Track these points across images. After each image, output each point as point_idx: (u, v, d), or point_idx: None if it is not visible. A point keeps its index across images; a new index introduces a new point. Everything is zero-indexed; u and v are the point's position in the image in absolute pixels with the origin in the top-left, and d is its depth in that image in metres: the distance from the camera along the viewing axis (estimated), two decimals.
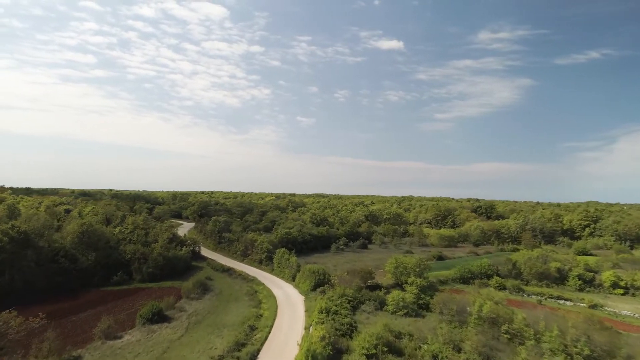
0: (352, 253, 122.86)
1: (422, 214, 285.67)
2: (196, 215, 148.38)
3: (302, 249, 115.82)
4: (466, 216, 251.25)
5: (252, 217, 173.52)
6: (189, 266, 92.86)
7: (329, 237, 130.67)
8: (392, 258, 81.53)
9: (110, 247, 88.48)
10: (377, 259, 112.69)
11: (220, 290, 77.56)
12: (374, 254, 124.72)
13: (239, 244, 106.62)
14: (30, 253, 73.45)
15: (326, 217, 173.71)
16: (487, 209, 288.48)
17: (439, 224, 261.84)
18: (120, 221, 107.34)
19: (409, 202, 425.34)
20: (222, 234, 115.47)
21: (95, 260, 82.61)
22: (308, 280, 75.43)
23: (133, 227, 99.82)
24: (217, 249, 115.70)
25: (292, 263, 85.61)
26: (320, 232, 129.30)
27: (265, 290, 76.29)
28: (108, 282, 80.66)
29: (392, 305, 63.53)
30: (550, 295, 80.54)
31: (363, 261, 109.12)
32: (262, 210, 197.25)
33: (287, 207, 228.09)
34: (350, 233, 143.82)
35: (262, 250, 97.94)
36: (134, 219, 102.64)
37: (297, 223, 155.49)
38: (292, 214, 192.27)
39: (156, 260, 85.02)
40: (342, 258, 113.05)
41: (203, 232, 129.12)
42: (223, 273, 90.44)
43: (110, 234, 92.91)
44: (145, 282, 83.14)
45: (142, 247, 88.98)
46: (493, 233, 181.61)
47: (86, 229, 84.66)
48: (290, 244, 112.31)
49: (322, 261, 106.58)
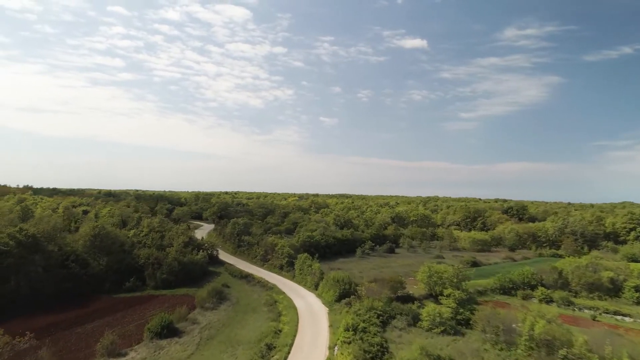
0: (378, 258, 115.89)
1: (450, 216, 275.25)
2: (215, 216, 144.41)
3: (325, 254, 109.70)
4: (497, 218, 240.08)
5: (274, 219, 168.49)
6: (206, 272, 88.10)
7: (354, 241, 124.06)
8: (424, 266, 74.31)
9: (124, 251, 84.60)
10: (406, 265, 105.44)
11: (237, 300, 72.23)
12: (402, 259, 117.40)
13: (259, 247, 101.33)
14: (38, 258, 69.94)
15: (350, 219, 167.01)
16: (519, 211, 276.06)
17: (468, 226, 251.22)
18: (136, 223, 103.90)
19: (435, 203, 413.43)
20: (242, 237, 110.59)
21: (107, 265, 78.81)
22: (332, 290, 69.14)
23: (148, 229, 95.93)
24: (236, 252, 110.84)
25: (314, 270, 79.52)
26: (345, 235, 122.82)
27: (285, 300, 70.44)
28: (120, 288, 76.68)
29: (427, 321, 56.49)
30: (605, 310, 71.57)
31: (391, 267, 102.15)
32: (284, 212, 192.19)
33: (310, 208, 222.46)
34: (376, 236, 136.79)
35: (283, 255, 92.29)
36: (149, 221, 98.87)
37: (320, 225, 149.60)
38: (315, 216, 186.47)
39: (171, 266, 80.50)
40: (368, 263, 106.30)
41: (222, 234, 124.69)
42: (241, 280, 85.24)
43: (124, 237, 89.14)
44: (158, 288, 78.76)
45: (156, 251, 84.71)
46: (529, 237, 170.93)
47: (98, 232, 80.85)
48: (312, 248, 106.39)
49: (347, 267, 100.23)
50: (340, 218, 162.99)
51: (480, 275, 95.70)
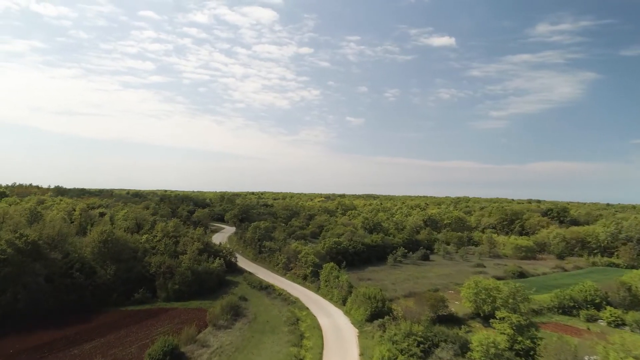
0: (412, 266, 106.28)
1: (485, 218, 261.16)
2: (236, 219, 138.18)
3: (353, 261, 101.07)
4: (537, 221, 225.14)
5: (298, 222, 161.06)
6: (222, 282, 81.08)
7: (384, 247, 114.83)
8: (470, 281, 64.61)
9: (135, 259, 78.59)
10: (443, 276, 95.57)
11: (255, 316, 64.59)
12: (439, 267, 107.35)
13: (281, 254, 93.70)
14: (39, 267, 64.38)
15: (380, 222, 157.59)
16: (559, 213, 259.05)
17: (505, 229, 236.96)
18: (150, 227, 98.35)
19: (466, 204, 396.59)
20: (263, 242, 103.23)
21: (115, 275, 72.75)
22: (362, 307, 60.49)
23: (162, 234, 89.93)
24: (256, 259, 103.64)
25: (342, 282, 71.03)
26: (375, 240, 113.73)
27: (309, 318, 62.35)
28: (128, 300, 70.50)
29: (478, 352, 46.97)
30: None
31: (427, 278, 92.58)
32: (310, 214, 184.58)
33: (337, 210, 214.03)
34: (408, 241, 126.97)
35: (307, 264, 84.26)
36: (163, 225, 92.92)
37: (347, 229, 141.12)
38: (342, 218, 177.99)
39: (183, 275, 73.80)
40: (402, 273, 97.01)
41: (242, 239, 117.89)
42: (261, 291, 77.67)
43: (136, 242, 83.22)
44: (170, 300, 72.19)
45: (169, 259, 78.27)
46: (577, 243, 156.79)
47: (106, 238, 74.98)
48: (340, 255, 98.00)
49: (378, 277, 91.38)
50: (368, 221, 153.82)
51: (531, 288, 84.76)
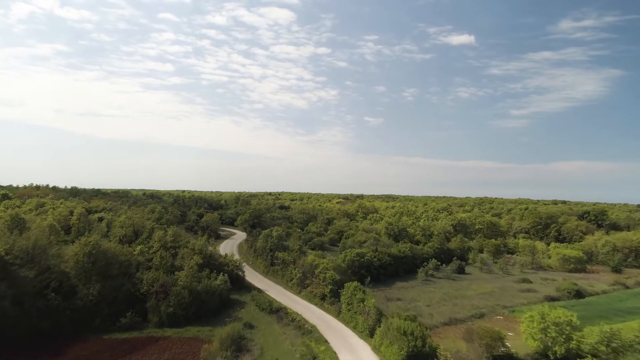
0: (446, 281, 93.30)
1: (517, 222, 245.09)
2: (247, 225, 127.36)
3: (378, 276, 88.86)
4: (575, 225, 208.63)
5: (316, 227, 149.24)
6: (226, 302, 69.84)
7: (414, 258, 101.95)
8: (533, 312, 51.48)
9: (125, 275, 68.01)
10: (486, 295, 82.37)
11: (261, 351, 53.02)
12: (477, 282, 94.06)
13: (296, 268, 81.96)
14: (4, 287, 54.14)
15: (405, 228, 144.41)
16: (597, 216, 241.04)
17: (539, 234, 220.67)
18: (147, 236, 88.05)
19: (490, 205, 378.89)
20: (275, 253, 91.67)
21: (100, 295, 62.21)
22: (396, 345, 48.06)
23: (159, 245, 79.31)
24: (268, 272, 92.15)
25: (368, 308, 58.77)
26: (402, 250, 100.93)
27: (328, 356, 50.40)
28: (114, 325, 59.84)
29: None
30: None
31: (467, 297, 79.59)
32: (328, 217, 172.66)
33: (357, 213, 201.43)
34: (439, 251, 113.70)
35: (326, 281, 72.25)
36: (161, 233, 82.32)
37: (369, 236, 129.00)
38: (363, 223, 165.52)
39: (179, 296, 62.88)
40: (436, 290, 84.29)
41: (253, 247, 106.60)
42: (271, 315, 66.09)
43: (128, 255, 72.67)
44: (163, 326, 61.33)
45: (164, 275, 67.47)
46: (630, 252, 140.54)
47: (90, 251, 64.54)
48: (363, 269, 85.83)
49: (409, 296, 78.89)
50: (393, 227, 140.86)
51: (597, 312, 70.97)
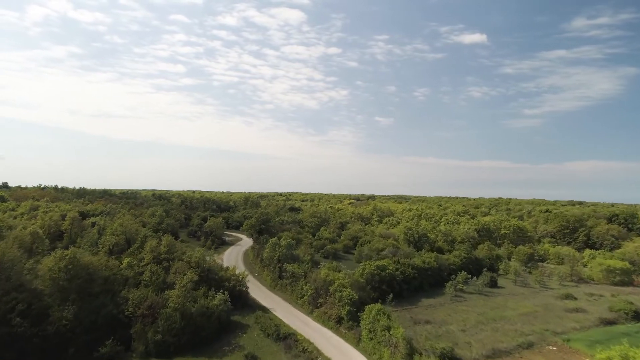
0: (478, 297, 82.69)
1: (542, 225, 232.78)
2: (254, 231, 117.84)
3: (401, 291, 78.62)
4: (605, 229, 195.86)
5: (328, 232, 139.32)
6: (225, 326, 60.25)
7: (439, 270, 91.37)
8: (610, 352, 40.75)
9: (108, 294, 58.90)
10: (528, 316, 71.58)
11: None
12: (514, 299, 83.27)
13: (307, 283, 72.14)
14: None
15: (425, 234, 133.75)
16: (627, 219, 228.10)
17: (567, 239, 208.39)
18: (139, 245, 79.02)
19: (506, 206, 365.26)
20: (284, 265, 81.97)
21: (76, 318, 53.13)
22: None
23: (152, 256, 70.18)
24: (275, 286, 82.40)
25: (396, 339, 48.64)
26: (427, 261, 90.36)
27: None
28: (91, 355, 50.68)
29: None
30: None
31: (507, 319, 68.98)
32: (341, 222, 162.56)
33: (372, 217, 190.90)
34: (467, 261, 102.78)
35: (343, 301, 62.28)
36: (154, 243, 73.03)
37: (387, 242, 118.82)
38: (379, 227, 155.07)
39: (170, 320, 53.52)
40: (468, 309, 73.78)
41: (260, 257, 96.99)
42: (278, 343, 56.34)
43: (114, 269, 63.50)
44: (149, 356, 52.32)
45: (153, 294, 58.21)
46: None
47: (66, 266, 55.52)
48: (385, 284, 75.67)
49: (438, 317, 68.54)
50: (412, 232, 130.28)
51: None
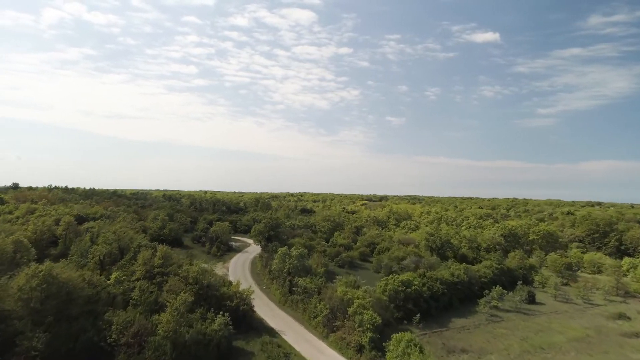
0: (516, 316, 73.10)
1: (568, 229, 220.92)
2: (262, 238, 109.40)
3: (429, 309, 69.33)
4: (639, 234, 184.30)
5: (343, 237, 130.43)
6: (226, 354, 51.65)
7: (470, 283, 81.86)
8: None
9: (90, 315, 50.93)
10: (580, 342, 61.90)
11: None
12: (558, 318, 73.48)
13: (321, 301, 63.38)
14: None
15: (448, 239, 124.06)
16: None
17: (596, 243, 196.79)
18: (132, 256, 71.05)
19: (524, 207, 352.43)
20: (295, 278, 73.29)
21: (49, 347, 45.12)
22: None
23: (144, 270, 62.18)
24: (285, 302, 73.74)
25: None
26: (456, 273, 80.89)
27: None
28: None
29: None
30: None
31: (556, 347, 59.46)
32: (356, 226, 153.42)
33: (388, 220, 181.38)
34: (499, 272, 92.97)
35: (364, 325, 53.38)
36: (147, 254, 64.95)
37: (408, 250, 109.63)
38: (397, 232, 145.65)
39: (159, 350, 45.23)
40: (508, 332, 64.34)
41: (268, 267, 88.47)
42: None
43: (99, 286, 55.51)
44: None
45: (141, 317, 50.06)
46: None
47: (39, 284, 47.62)
48: (410, 302, 66.49)
49: (475, 343, 59.18)
50: (434, 238, 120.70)
51: None
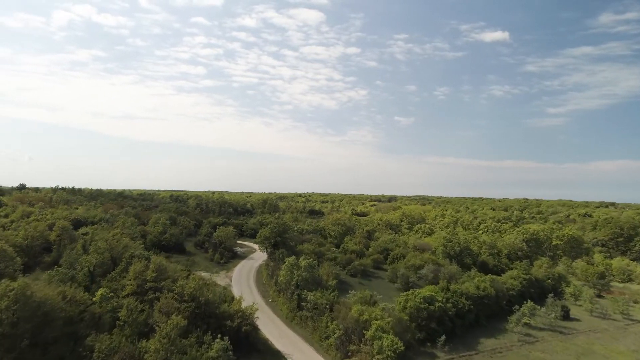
0: (551, 336, 65.70)
1: (590, 233, 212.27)
2: (268, 244, 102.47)
3: (454, 328, 62.14)
4: None
5: (354, 242, 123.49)
6: None
7: (497, 297, 74.49)
8: None
9: (69, 338, 44.75)
10: None
11: None
12: (599, 338, 65.96)
13: (333, 320, 56.61)
14: None
15: (468, 246, 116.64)
16: None
17: (620, 248, 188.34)
18: (124, 268, 64.61)
19: (537, 208, 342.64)
20: (304, 292, 66.54)
21: None
22: None
23: (135, 285, 55.90)
24: (293, 318, 67.01)
25: None
26: (482, 286, 73.52)
27: None
28: None
29: None
30: None
31: None
32: (368, 230, 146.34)
33: (401, 224, 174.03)
34: (527, 284, 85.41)
35: (384, 353, 46.51)
36: (138, 267, 58.51)
37: (425, 258, 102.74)
38: (411, 237, 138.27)
39: None
40: (545, 356, 57.11)
41: (274, 278, 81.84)
42: None
43: (82, 304, 49.28)
44: None
45: (127, 342, 43.75)
46: None
47: (8, 306, 41.52)
48: (434, 321, 59.39)
49: None
50: (453, 244, 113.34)
51: None
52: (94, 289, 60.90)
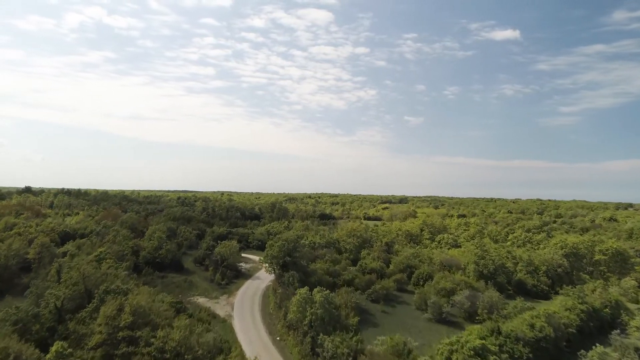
0: None
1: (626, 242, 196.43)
2: (276, 264, 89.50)
3: None
4: None
5: (372, 258, 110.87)
6: None
7: (556, 339, 61.35)
8: None
9: None
10: None
11: None
12: None
13: None
14: None
15: (503, 264, 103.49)
16: None
17: None
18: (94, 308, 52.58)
19: (556, 211, 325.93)
20: (320, 335, 54.23)
21: None
22: None
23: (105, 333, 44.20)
24: None
25: None
26: (539, 326, 60.47)
27: None
28: None
29: None
30: None
31: None
32: (387, 242, 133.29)
33: (422, 234, 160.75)
34: (587, 317, 72.05)
35: None
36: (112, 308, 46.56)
37: (458, 280, 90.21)
38: (436, 252, 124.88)
39: None
40: None
41: (283, 308, 69.54)
42: None
43: None
44: None
45: None
46: None
47: None
48: None
49: None
50: (486, 262, 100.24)
51: None
52: (61, 331, 49.61)
